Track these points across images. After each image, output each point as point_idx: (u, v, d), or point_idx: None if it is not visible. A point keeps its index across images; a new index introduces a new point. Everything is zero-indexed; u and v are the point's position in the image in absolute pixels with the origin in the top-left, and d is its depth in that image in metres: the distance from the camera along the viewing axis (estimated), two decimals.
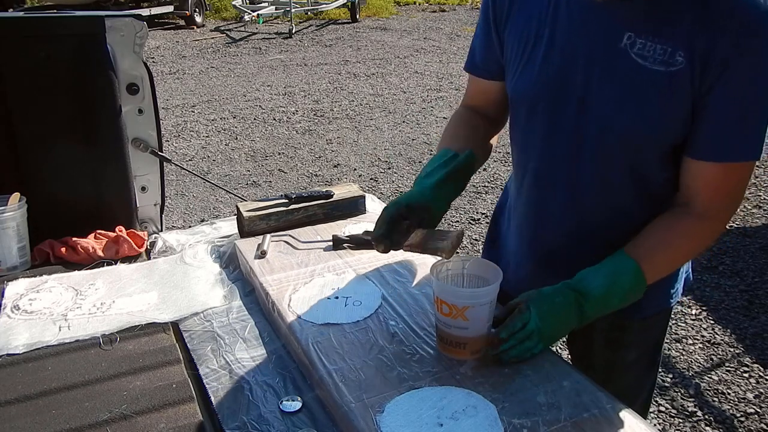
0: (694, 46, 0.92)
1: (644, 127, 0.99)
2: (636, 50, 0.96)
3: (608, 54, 0.98)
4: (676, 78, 0.94)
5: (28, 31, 1.58)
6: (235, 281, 1.43)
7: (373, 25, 11.57)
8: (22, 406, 1.03)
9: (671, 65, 0.94)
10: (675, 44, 0.93)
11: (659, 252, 1.04)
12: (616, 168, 1.06)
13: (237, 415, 1.02)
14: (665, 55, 0.94)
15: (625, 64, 0.97)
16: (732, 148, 0.97)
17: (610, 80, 1.00)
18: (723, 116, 0.95)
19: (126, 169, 1.71)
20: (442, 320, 1.06)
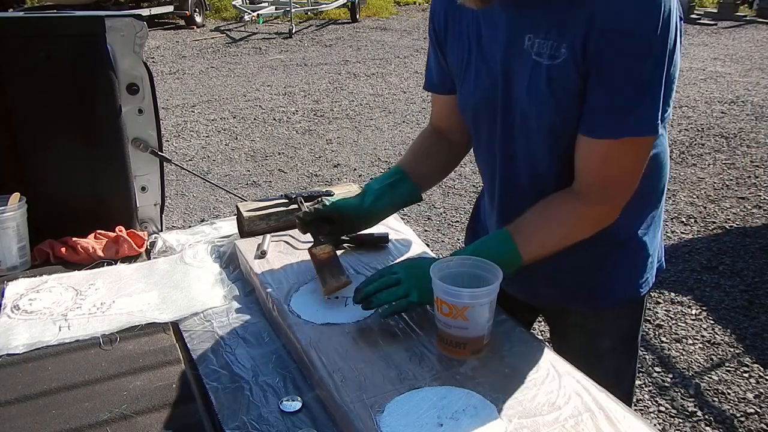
0: (574, 35, 1.00)
1: (551, 115, 1.09)
2: (535, 50, 1.06)
3: (517, 56, 1.09)
4: (563, 68, 1.03)
5: (28, 31, 1.58)
6: (235, 281, 1.43)
7: (373, 25, 11.57)
8: (22, 406, 1.03)
9: (557, 58, 1.03)
10: (560, 40, 1.03)
11: (533, 226, 1.13)
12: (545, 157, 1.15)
13: (237, 415, 1.02)
14: (552, 49, 1.04)
15: (529, 63, 1.07)
16: (603, 124, 1.04)
17: (522, 79, 1.09)
18: (602, 94, 1.02)
19: (126, 169, 1.71)
20: (442, 320, 1.06)
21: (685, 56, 8.41)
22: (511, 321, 1.18)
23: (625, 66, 0.99)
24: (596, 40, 0.98)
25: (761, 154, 4.93)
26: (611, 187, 1.09)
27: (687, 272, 3.25)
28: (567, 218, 1.12)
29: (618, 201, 1.11)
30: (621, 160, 1.07)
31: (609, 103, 1.02)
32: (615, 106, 1.02)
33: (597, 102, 1.03)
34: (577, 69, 1.02)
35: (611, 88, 1.01)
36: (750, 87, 6.85)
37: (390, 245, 1.46)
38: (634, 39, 0.97)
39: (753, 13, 11.61)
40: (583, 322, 1.29)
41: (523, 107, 1.11)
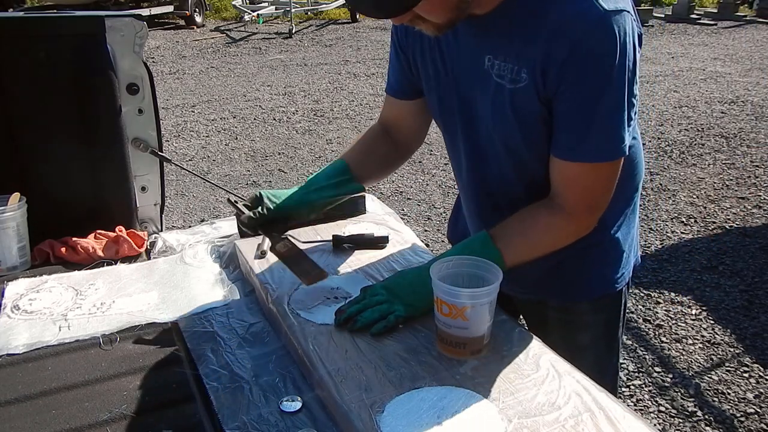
0: (534, 63, 1.01)
1: (513, 135, 1.11)
2: (495, 71, 1.08)
3: (478, 75, 1.11)
4: (523, 93, 1.05)
5: (28, 31, 1.58)
6: (235, 281, 1.43)
7: (373, 25, 11.57)
8: (22, 406, 1.04)
9: (518, 82, 1.05)
10: (519, 64, 1.04)
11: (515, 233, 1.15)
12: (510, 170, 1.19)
13: (237, 415, 1.02)
14: (513, 73, 1.05)
15: (490, 84, 1.09)
16: (574, 149, 1.06)
17: (483, 98, 1.12)
18: (565, 120, 1.05)
19: (126, 169, 1.71)
20: (442, 320, 1.06)
21: (685, 56, 8.42)
22: (511, 321, 1.18)
23: (587, 94, 1.01)
24: (556, 71, 1.00)
25: (761, 154, 4.93)
26: (589, 202, 1.13)
27: (687, 272, 3.25)
28: (547, 229, 1.15)
29: (596, 212, 1.15)
30: (594, 179, 1.10)
31: (576, 129, 1.04)
32: (582, 132, 1.04)
33: (564, 127, 1.06)
34: (538, 95, 1.04)
35: (576, 115, 1.03)
36: (750, 87, 6.85)
37: (390, 245, 1.46)
38: (593, 68, 0.99)
39: (753, 13, 11.62)
40: (561, 317, 1.32)
41: (488, 126, 1.14)
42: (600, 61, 0.98)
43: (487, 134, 1.16)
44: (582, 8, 0.96)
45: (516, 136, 1.11)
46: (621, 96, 1.01)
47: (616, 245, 1.26)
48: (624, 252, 1.28)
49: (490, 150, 1.18)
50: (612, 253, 1.27)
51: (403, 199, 4.24)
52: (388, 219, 1.63)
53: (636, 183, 1.27)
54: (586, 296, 1.30)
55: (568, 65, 0.99)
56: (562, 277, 1.27)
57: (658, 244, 3.55)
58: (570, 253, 1.20)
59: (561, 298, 1.31)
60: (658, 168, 4.63)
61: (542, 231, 1.15)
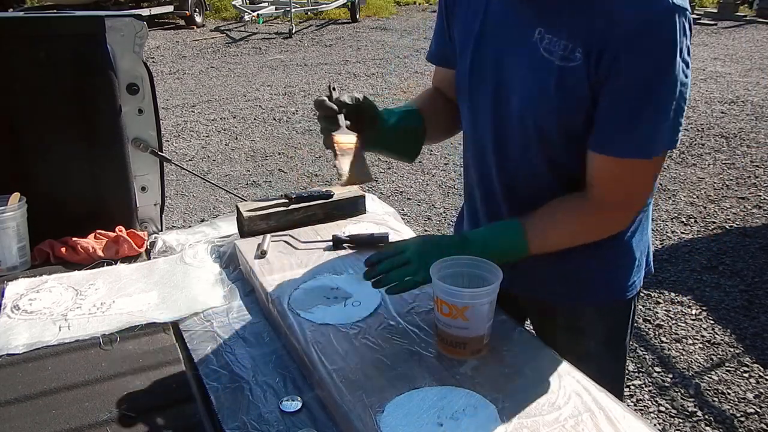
0: (591, 44, 0.98)
1: (549, 116, 1.07)
2: (544, 45, 1.03)
3: (523, 47, 1.06)
4: (574, 73, 1.01)
5: (28, 31, 1.58)
6: (235, 281, 1.43)
7: (373, 25, 11.57)
8: (22, 406, 1.04)
9: (570, 61, 1.01)
10: (575, 42, 1.00)
11: (546, 224, 1.12)
12: (536, 157, 1.13)
13: (237, 415, 1.02)
14: (566, 51, 1.01)
15: (535, 57, 1.04)
16: (617, 143, 1.03)
17: (523, 72, 1.07)
18: (611, 111, 1.01)
19: (126, 169, 1.71)
20: (442, 320, 1.06)
21: None
22: (511, 321, 1.18)
23: (639, 86, 0.98)
24: (611, 57, 0.97)
25: (761, 154, 4.93)
26: (627, 201, 1.10)
27: (687, 272, 3.25)
28: (581, 224, 1.12)
29: (632, 212, 1.12)
30: (634, 177, 1.07)
31: (621, 124, 1.01)
32: (627, 128, 1.01)
33: (607, 120, 1.02)
34: (589, 78, 1.00)
35: (624, 110, 1.00)
36: (750, 87, 6.85)
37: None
38: (649, 60, 0.96)
39: (753, 13, 11.61)
40: (569, 322, 1.29)
41: (522, 103, 1.09)
42: (654, 58, 0.95)
43: (519, 112, 1.10)
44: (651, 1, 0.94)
45: (552, 117, 1.06)
46: (671, 94, 0.98)
47: (628, 251, 1.23)
48: (636, 259, 1.24)
49: (519, 130, 1.12)
50: (623, 258, 1.23)
51: (403, 199, 4.24)
52: (388, 219, 1.63)
53: None
54: (594, 301, 1.26)
55: (622, 57, 0.96)
56: (571, 279, 1.24)
57: (658, 244, 3.55)
58: (580, 254, 1.17)
59: (568, 300, 1.27)
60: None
61: (573, 223, 1.12)
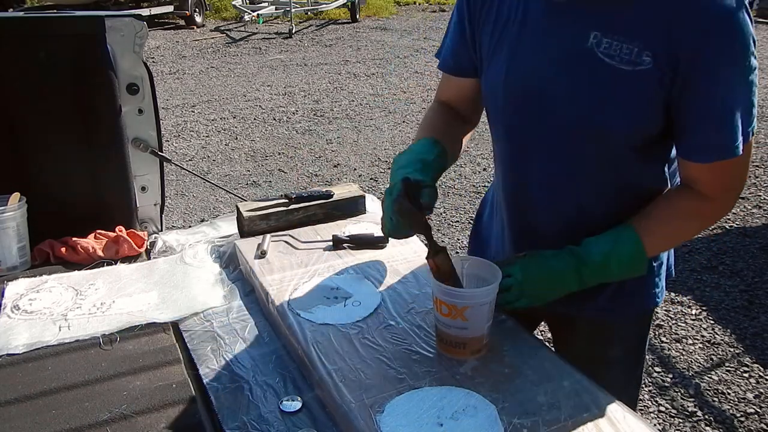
0: (661, 47, 0.94)
1: (612, 124, 1.01)
2: (602, 49, 0.98)
3: (575, 53, 1.00)
4: (643, 77, 0.96)
5: (28, 31, 1.58)
6: (235, 281, 1.43)
7: (373, 25, 11.57)
8: (22, 406, 1.04)
9: (638, 65, 0.96)
10: (641, 44, 0.95)
11: (660, 227, 1.07)
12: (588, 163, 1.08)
13: (237, 415, 1.02)
14: (632, 54, 0.96)
15: (591, 63, 0.99)
16: (713, 149, 0.99)
17: (576, 79, 1.01)
18: (701, 116, 0.98)
19: (126, 169, 1.71)
20: (442, 320, 1.06)
21: None
22: (511, 321, 1.18)
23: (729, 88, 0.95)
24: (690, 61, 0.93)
25: (761, 154, 4.93)
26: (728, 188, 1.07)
27: (687, 272, 3.25)
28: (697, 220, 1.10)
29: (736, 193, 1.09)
30: (735, 170, 1.04)
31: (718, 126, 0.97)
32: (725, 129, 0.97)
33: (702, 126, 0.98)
34: (662, 82, 0.96)
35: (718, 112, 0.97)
36: None
37: (389, 246, 1.46)
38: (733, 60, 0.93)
39: (753, 13, 11.61)
40: (591, 330, 1.25)
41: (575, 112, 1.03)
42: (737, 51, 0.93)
43: (568, 122, 1.04)
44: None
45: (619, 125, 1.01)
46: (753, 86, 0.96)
47: (658, 259, 1.20)
48: (663, 264, 1.22)
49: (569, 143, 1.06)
50: (656, 267, 1.20)
51: None
52: None
53: None
54: (626, 312, 1.22)
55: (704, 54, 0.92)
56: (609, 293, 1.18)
57: None
58: None
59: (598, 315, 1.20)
60: None
61: (688, 220, 1.08)
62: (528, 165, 1.14)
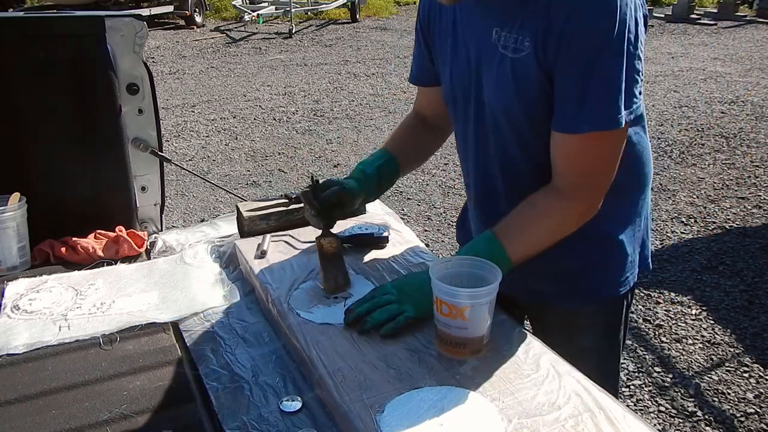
0: (536, 31, 1.03)
1: (515, 108, 1.11)
2: (501, 43, 1.09)
3: (486, 49, 1.12)
4: (525, 62, 1.06)
5: (28, 31, 1.58)
6: (235, 281, 1.43)
7: (373, 25, 11.57)
8: (22, 406, 1.04)
9: (521, 51, 1.06)
10: (523, 33, 1.05)
11: (516, 226, 1.14)
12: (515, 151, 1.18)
13: (237, 415, 1.02)
14: (516, 43, 1.06)
15: (496, 56, 1.10)
16: (571, 119, 1.05)
17: (489, 71, 1.13)
18: (563, 88, 1.05)
19: (126, 169, 1.71)
20: (442, 320, 1.06)
21: (685, 56, 8.42)
22: (511, 321, 1.18)
23: (582, 62, 1.01)
24: (555, 39, 1.01)
25: (761, 154, 4.93)
26: (588, 180, 1.11)
27: (687, 272, 3.25)
28: (550, 215, 1.14)
29: (597, 193, 1.12)
30: (592, 153, 1.08)
31: (572, 99, 1.04)
32: (577, 101, 1.04)
33: (560, 98, 1.06)
34: (539, 63, 1.04)
35: (571, 84, 1.04)
36: (750, 87, 6.85)
37: (390, 245, 1.46)
38: (589, 35, 0.99)
39: (753, 13, 11.61)
40: (563, 319, 1.31)
41: (491, 100, 1.15)
42: (596, 29, 0.98)
43: (491, 111, 1.16)
44: None
45: (516, 108, 1.11)
46: (618, 65, 1.00)
47: (619, 247, 1.24)
48: (629, 255, 1.25)
49: (495, 128, 1.17)
50: (616, 255, 1.24)
51: (403, 199, 4.24)
52: (388, 219, 1.63)
53: (642, 183, 1.25)
54: (589, 299, 1.28)
55: (565, 33, 0.99)
56: (565, 280, 1.26)
57: (658, 244, 3.55)
58: (572, 254, 1.19)
59: (563, 300, 1.29)
60: (658, 168, 4.63)
61: (542, 217, 1.13)
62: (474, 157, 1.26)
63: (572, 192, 1.11)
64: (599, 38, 0.99)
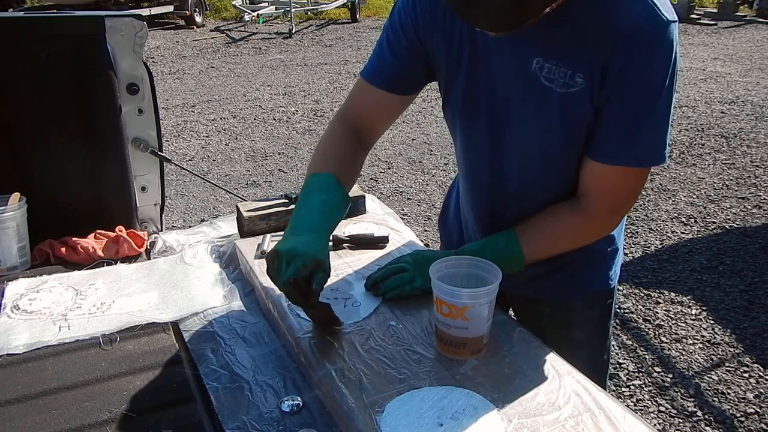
0: (592, 67, 1.00)
1: (554, 141, 1.10)
2: (544, 74, 1.04)
3: (522, 77, 1.07)
4: (577, 97, 1.03)
5: (28, 31, 1.58)
6: (235, 281, 1.43)
7: (373, 25, 11.57)
8: (22, 406, 1.04)
9: (572, 86, 1.03)
10: (575, 67, 1.01)
11: (538, 231, 1.17)
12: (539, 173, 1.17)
13: (237, 415, 1.02)
14: (566, 77, 1.02)
15: (536, 87, 1.06)
16: (622, 153, 1.06)
17: (525, 100, 1.08)
18: (616, 122, 1.04)
19: (126, 169, 1.71)
20: (442, 320, 1.06)
21: (685, 56, 8.42)
22: (511, 321, 1.18)
23: (642, 102, 1.02)
24: (615, 77, 0.99)
25: (761, 154, 4.93)
26: (615, 207, 1.15)
27: (687, 272, 3.25)
28: (570, 229, 1.17)
29: (618, 215, 1.18)
30: (627, 186, 1.11)
31: (622, 134, 1.04)
32: (628, 138, 1.04)
33: (611, 133, 1.05)
34: (592, 100, 1.03)
35: (627, 122, 1.04)
36: (750, 87, 6.85)
37: (390, 245, 1.46)
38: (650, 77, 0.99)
39: (753, 13, 11.61)
40: (555, 313, 1.34)
41: (524, 129, 1.12)
42: (657, 71, 0.99)
43: (521, 137, 1.13)
44: (647, 17, 0.96)
45: (556, 141, 1.10)
46: (668, 105, 1.02)
47: (611, 242, 1.29)
48: (618, 249, 1.31)
49: (520, 151, 1.16)
50: (608, 250, 1.30)
51: (403, 199, 4.24)
52: (388, 219, 1.63)
53: None
54: (582, 293, 1.32)
55: (627, 72, 0.98)
56: (560, 275, 1.29)
57: (658, 244, 3.55)
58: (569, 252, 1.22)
59: (557, 295, 1.32)
60: (658, 168, 4.63)
61: (563, 229, 1.17)
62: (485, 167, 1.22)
63: (596, 213, 1.14)
64: (658, 80, 0.99)
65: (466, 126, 1.21)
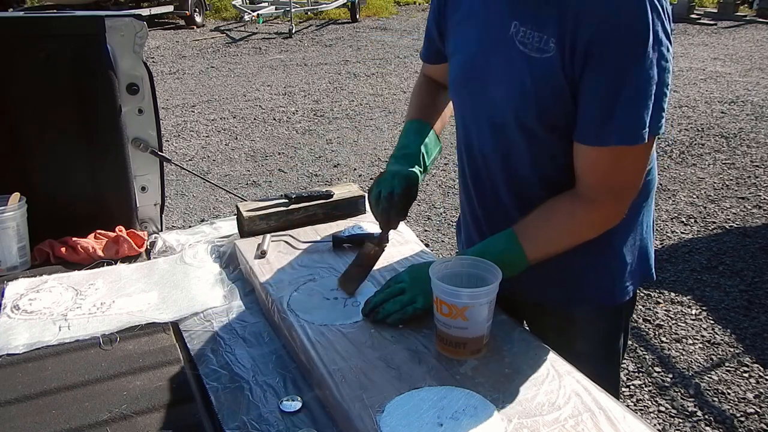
0: (564, 34, 1.00)
1: (528, 108, 1.08)
2: (519, 38, 1.05)
3: (501, 41, 1.08)
4: (549, 64, 1.02)
5: (28, 31, 1.58)
6: (235, 281, 1.43)
7: (373, 25, 11.57)
8: (22, 406, 1.04)
9: (545, 52, 1.02)
10: (548, 33, 1.01)
11: (537, 226, 1.13)
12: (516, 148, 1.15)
13: (237, 415, 1.02)
14: (540, 42, 1.03)
15: (512, 51, 1.06)
16: (599, 132, 1.03)
17: (504, 67, 1.09)
18: (590, 101, 1.02)
19: (126, 169, 1.71)
20: (442, 320, 1.06)
21: (685, 56, 8.42)
22: (511, 321, 1.18)
23: (613, 77, 0.99)
24: (583, 48, 0.98)
25: (761, 154, 4.93)
26: (612, 190, 1.09)
27: (687, 272, 3.25)
28: (568, 218, 1.12)
29: (621, 201, 1.11)
30: (618, 166, 1.06)
31: (599, 112, 1.02)
32: (604, 115, 1.01)
33: (587, 111, 1.03)
34: (564, 70, 1.01)
35: (601, 97, 1.01)
36: (750, 87, 6.85)
37: (390, 245, 1.46)
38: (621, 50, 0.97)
39: (753, 13, 11.61)
40: (562, 323, 1.29)
41: (499, 98, 1.11)
42: (627, 41, 0.96)
43: (502, 108, 1.12)
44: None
45: (531, 109, 1.07)
46: (647, 79, 0.98)
47: (618, 255, 1.22)
48: (628, 264, 1.24)
49: (503, 127, 1.14)
50: (614, 263, 1.23)
51: None
52: None
53: (644, 190, 1.20)
54: (585, 305, 1.27)
55: (594, 44, 0.96)
56: (563, 282, 1.24)
57: (658, 244, 3.55)
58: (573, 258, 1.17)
59: (560, 302, 1.27)
60: (659, 168, 4.62)
61: (563, 220, 1.12)
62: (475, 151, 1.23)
63: (595, 197, 1.09)
64: (629, 51, 0.96)
65: (461, 101, 1.23)
